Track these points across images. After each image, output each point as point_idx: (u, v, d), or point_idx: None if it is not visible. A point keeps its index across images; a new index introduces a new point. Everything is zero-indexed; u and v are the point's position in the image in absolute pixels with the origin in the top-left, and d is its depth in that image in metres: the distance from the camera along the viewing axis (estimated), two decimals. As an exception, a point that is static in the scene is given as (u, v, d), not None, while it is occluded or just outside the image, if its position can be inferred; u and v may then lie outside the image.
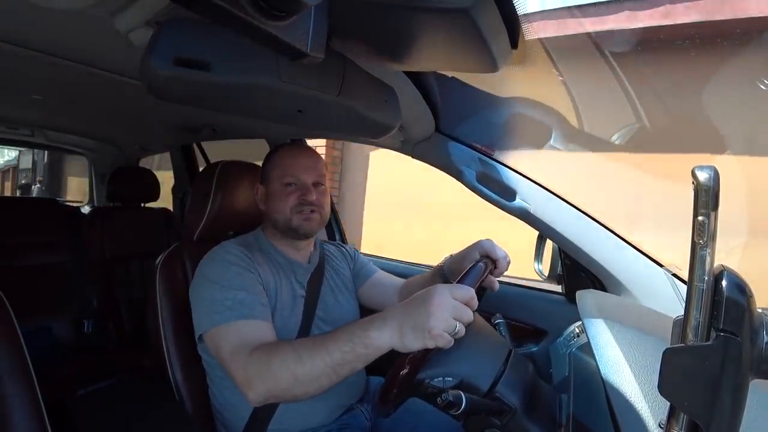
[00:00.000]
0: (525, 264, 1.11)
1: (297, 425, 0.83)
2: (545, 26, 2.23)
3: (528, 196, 0.98)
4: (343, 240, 1.71)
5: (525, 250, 1.14)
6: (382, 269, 1.10)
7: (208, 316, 0.74)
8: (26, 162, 4.92)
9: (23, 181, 4.88)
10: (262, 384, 0.64)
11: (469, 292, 0.59)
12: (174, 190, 2.14)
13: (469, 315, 0.57)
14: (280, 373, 0.62)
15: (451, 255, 0.93)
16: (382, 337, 0.58)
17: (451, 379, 0.58)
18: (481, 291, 0.74)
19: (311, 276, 0.93)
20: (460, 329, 0.56)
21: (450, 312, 0.56)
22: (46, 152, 4.72)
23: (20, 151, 4.94)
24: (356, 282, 1.05)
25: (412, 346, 0.56)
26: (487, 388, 0.59)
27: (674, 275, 0.89)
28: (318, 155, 0.94)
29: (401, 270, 1.46)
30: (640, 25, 2.15)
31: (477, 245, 0.84)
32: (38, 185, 4.64)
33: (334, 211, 1.68)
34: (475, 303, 0.59)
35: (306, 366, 0.61)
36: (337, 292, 0.97)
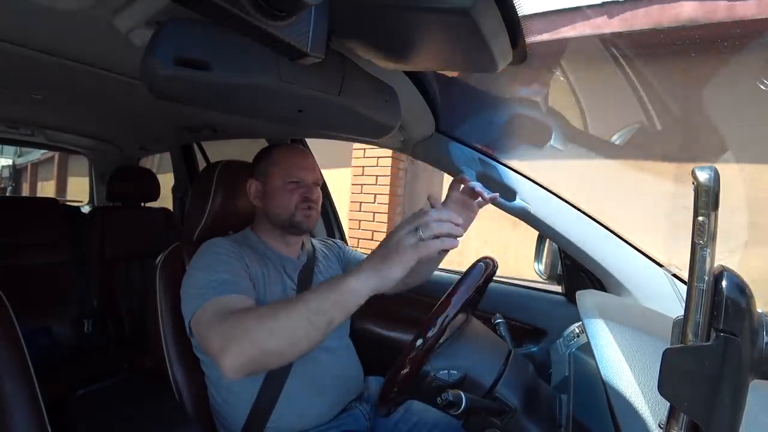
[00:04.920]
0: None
1: (295, 423, 0.83)
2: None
3: (528, 196, 0.98)
4: (343, 239, 1.71)
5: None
6: None
7: (194, 300, 0.74)
8: (6, 172, 7.87)
9: (2, 185, 7.74)
10: (237, 344, 0.61)
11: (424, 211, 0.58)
12: (174, 190, 2.14)
13: (426, 218, 0.56)
14: (254, 330, 0.60)
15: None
16: (359, 281, 0.57)
17: (456, 372, 0.58)
18: (479, 294, 0.74)
19: (301, 271, 0.94)
20: (424, 233, 0.55)
21: (408, 225, 0.56)
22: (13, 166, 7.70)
23: (2, 166, 7.70)
24: (348, 268, 1.05)
25: (394, 275, 0.56)
26: (488, 387, 0.59)
27: (674, 275, 0.89)
28: (312, 156, 0.97)
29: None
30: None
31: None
32: (11, 186, 7.53)
33: (334, 211, 1.69)
34: (437, 215, 0.57)
35: (281, 318, 0.59)
36: None
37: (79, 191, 4.10)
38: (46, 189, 7.23)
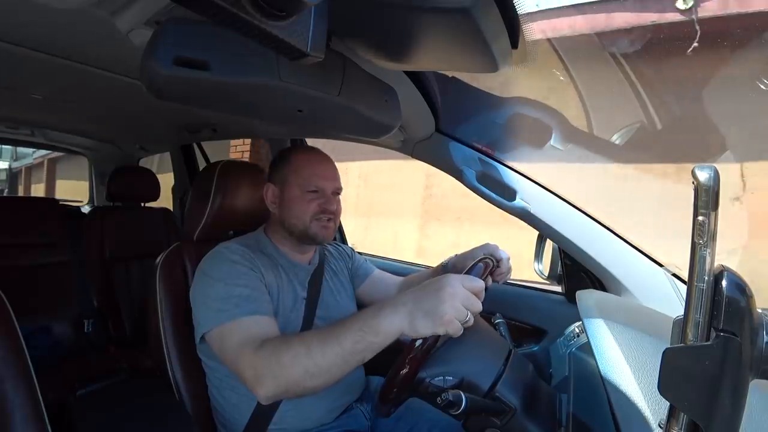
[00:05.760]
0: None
1: (297, 424, 0.83)
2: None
3: (528, 196, 0.98)
4: (343, 240, 1.71)
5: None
6: (380, 269, 1.10)
7: (213, 314, 0.74)
8: (3, 175, 8.98)
9: (-1, 188, 8.79)
10: (273, 380, 0.63)
11: (480, 284, 0.60)
12: (174, 190, 2.14)
13: (478, 305, 0.58)
14: (290, 367, 0.62)
15: (456, 255, 0.94)
16: (393, 324, 0.58)
17: (451, 378, 0.58)
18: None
19: (312, 277, 0.93)
20: (470, 319, 0.58)
21: (462, 300, 0.57)
22: (9, 169, 8.99)
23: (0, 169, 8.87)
24: (355, 282, 1.05)
25: (423, 332, 0.57)
26: (488, 388, 0.59)
27: (674, 275, 0.89)
28: (334, 162, 0.93)
29: (400, 269, 1.46)
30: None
31: (482, 247, 0.85)
32: (6, 188, 8.56)
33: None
34: (483, 296, 0.60)
35: (317, 358, 0.61)
36: (335, 293, 0.97)
37: (64, 190, 6.15)
38: (38, 190, 8.40)
